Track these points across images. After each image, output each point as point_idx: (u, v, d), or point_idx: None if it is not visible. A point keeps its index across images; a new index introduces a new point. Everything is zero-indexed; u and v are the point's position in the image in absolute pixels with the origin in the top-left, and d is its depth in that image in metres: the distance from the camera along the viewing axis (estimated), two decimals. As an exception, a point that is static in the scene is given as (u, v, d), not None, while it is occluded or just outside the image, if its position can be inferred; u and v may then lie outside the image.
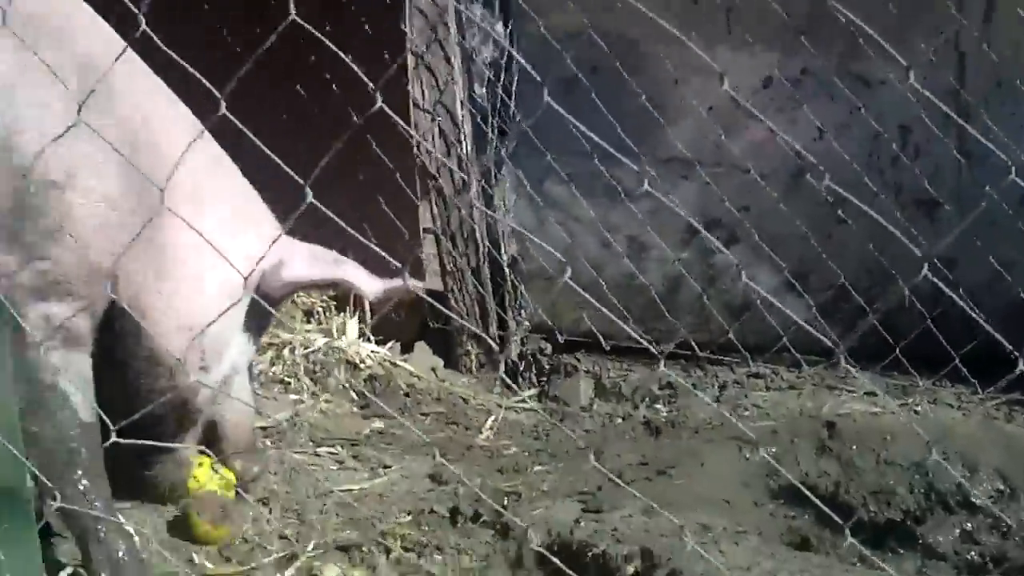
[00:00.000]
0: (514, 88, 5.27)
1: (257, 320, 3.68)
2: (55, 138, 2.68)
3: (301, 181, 2.01)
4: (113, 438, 2.42)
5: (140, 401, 2.93)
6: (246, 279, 3.27)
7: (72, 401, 3.12)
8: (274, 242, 3.04)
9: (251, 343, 3.70)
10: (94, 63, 3.15)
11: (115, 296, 3.15)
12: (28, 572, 2.47)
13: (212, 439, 3.54)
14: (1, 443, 2.35)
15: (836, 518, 2.61)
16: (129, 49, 2.86)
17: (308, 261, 3.56)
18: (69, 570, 2.83)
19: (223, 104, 2.00)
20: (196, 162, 3.28)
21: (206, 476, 3.56)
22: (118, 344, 3.30)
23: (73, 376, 3.13)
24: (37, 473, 2.63)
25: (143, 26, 2.08)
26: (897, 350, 4.76)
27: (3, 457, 2.39)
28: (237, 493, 3.66)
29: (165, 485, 3.54)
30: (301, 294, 5.48)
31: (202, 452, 3.60)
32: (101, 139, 2.96)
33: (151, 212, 3.13)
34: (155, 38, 2.17)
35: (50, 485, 2.86)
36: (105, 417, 2.51)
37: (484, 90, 5.35)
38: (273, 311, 3.47)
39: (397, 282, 3.69)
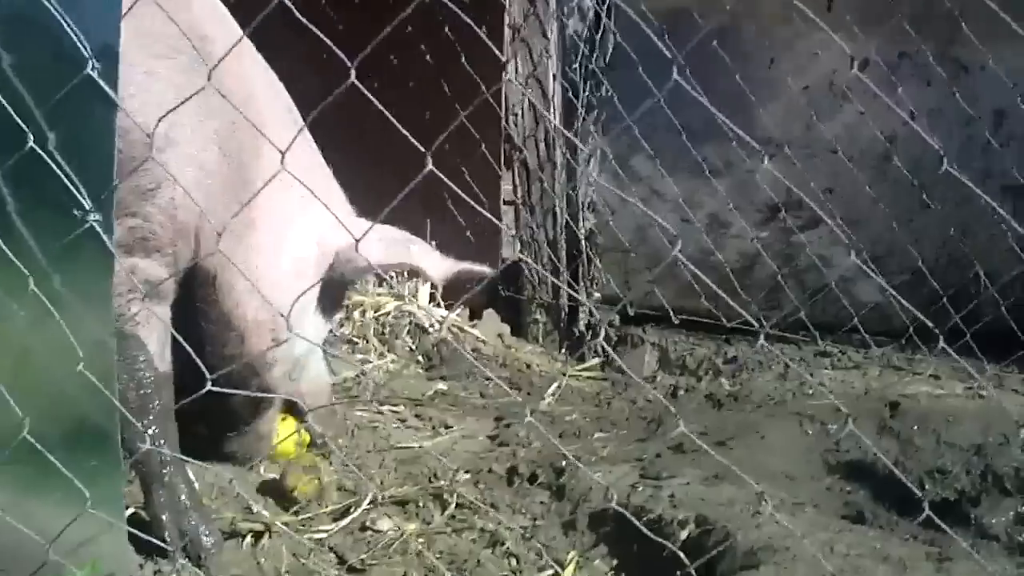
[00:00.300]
0: (606, 64, 5.28)
1: (331, 299, 3.76)
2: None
3: (422, 148, 2.03)
4: (208, 387, 2.46)
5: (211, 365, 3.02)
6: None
7: (149, 350, 3.26)
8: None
9: (325, 322, 3.78)
10: (206, 35, 3.28)
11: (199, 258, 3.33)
12: (113, 509, 2.53)
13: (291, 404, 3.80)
14: (96, 384, 2.39)
15: (911, 488, 2.61)
16: (238, 27, 2.94)
17: (380, 245, 3.69)
18: (130, 511, 2.89)
19: (353, 72, 2.03)
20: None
21: (287, 431, 3.86)
22: (195, 305, 3.45)
23: (152, 327, 3.27)
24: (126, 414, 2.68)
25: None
26: (968, 335, 4.74)
27: (97, 398, 2.44)
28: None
29: (249, 446, 3.65)
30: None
31: (286, 411, 3.74)
32: (203, 109, 3.18)
33: (243, 183, 3.31)
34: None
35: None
36: (203, 366, 2.56)
37: (577, 65, 5.37)
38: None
39: (464, 266, 3.77)
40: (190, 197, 3.22)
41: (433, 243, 5.41)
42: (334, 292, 3.82)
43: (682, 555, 2.39)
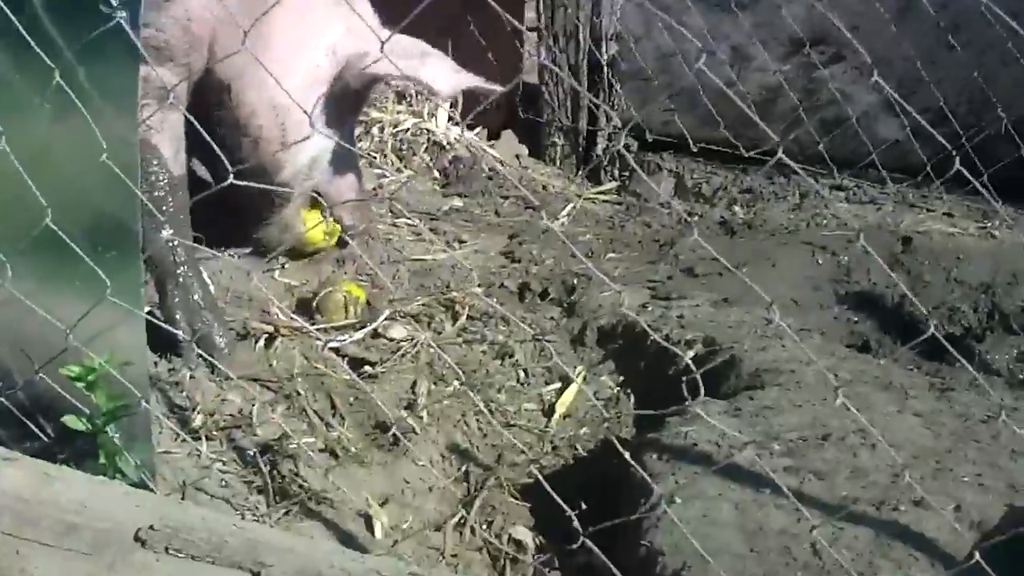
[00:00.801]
0: None
1: (348, 105, 3.76)
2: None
3: None
4: (231, 180, 2.49)
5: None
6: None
7: (163, 155, 3.36)
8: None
9: (337, 126, 3.79)
10: None
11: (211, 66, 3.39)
12: (131, 300, 2.57)
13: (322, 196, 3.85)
14: (117, 177, 2.41)
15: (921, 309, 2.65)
16: None
17: (393, 56, 3.64)
18: (146, 309, 2.93)
19: None
20: None
21: (313, 221, 3.91)
22: (209, 112, 3.49)
23: (166, 132, 3.37)
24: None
25: None
26: (985, 176, 4.74)
27: (118, 192, 2.46)
28: (340, 241, 3.99)
29: (273, 235, 3.80)
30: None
31: (314, 204, 3.79)
32: None
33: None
34: None
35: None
36: (225, 161, 2.61)
37: None
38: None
39: (474, 82, 3.75)
40: (203, 10, 3.32)
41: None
42: (350, 99, 3.83)
43: (691, 365, 2.38)
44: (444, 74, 3.70)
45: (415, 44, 3.76)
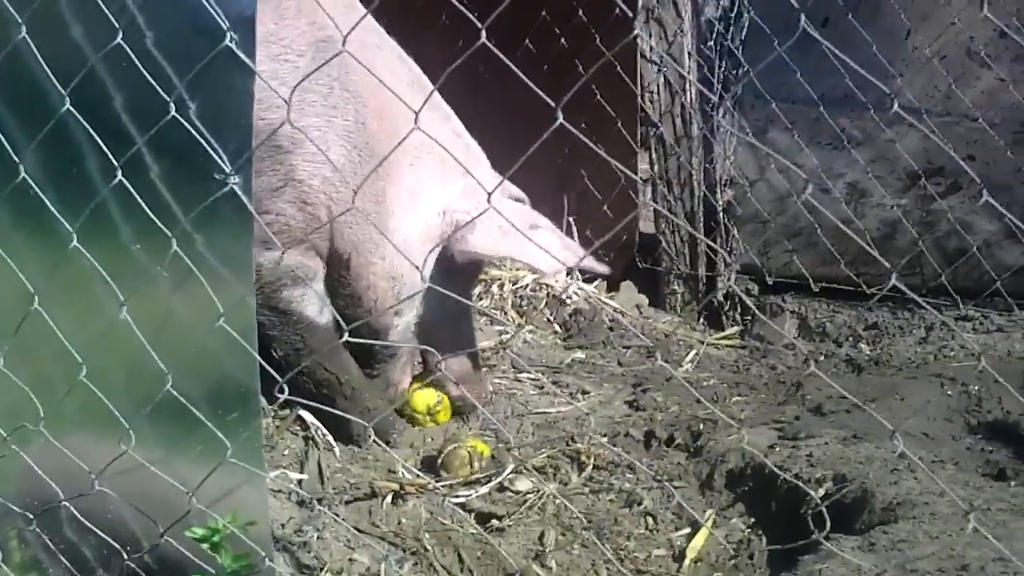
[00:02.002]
0: (743, 39, 5.27)
1: (467, 273, 3.83)
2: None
3: (551, 103, 2.05)
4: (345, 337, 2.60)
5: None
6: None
7: (307, 316, 3.74)
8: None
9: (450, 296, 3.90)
10: (330, 37, 3.47)
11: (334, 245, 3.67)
12: (253, 460, 2.61)
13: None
14: (236, 341, 2.47)
15: None
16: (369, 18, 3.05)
17: (496, 230, 3.76)
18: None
19: (483, 33, 2.07)
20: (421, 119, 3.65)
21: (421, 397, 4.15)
22: (331, 283, 3.79)
23: (307, 302, 3.72)
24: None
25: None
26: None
27: (237, 354, 2.52)
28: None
29: (378, 390, 4.05)
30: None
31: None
32: (329, 108, 3.48)
33: (370, 167, 3.55)
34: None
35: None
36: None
37: (712, 42, 5.38)
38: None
39: (582, 263, 3.80)
40: (318, 192, 3.54)
41: (571, 219, 5.53)
42: (469, 266, 3.90)
43: (817, 499, 2.34)
44: (550, 252, 3.66)
45: (526, 214, 3.81)
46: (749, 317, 5.35)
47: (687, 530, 3.57)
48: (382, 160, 3.47)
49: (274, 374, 2.48)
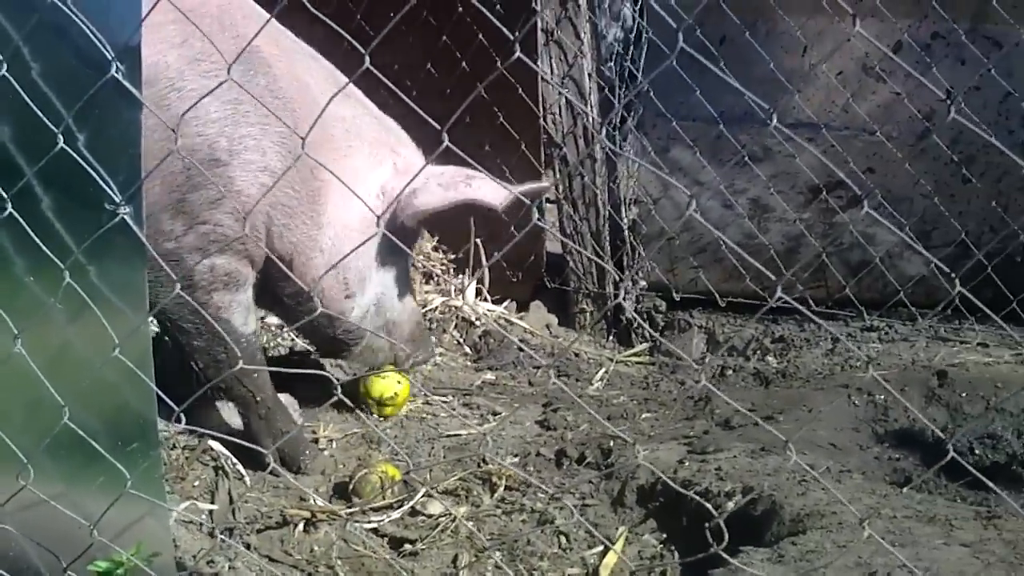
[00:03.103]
0: (643, 60, 5.30)
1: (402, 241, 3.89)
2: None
3: (437, 126, 2.08)
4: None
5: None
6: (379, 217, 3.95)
7: (233, 324, 3.76)
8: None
9: (395, 267, 4.14)
10: (256, 47, 3.54)
11: (268, 251, 3.72)
12: (154, 491, 2.59)
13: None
14: (133, 371, 2.45)
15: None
16: (274, 21, 3.06)
17: (438, 187, 3.93)
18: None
19: (367, 59, 2.09)
20: (343, 111, 3.89)
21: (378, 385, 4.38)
22: (274, 280, 3.89)
23: (235, 309, 3.77)
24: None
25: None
26: (1014, 302, 4.73)
27: (135, 384, 2.50)
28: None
29: (366, 357, 4.30)
30: (420, 258, 5.62)
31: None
32: (264, 117, 3.54)
33: (305, 168, 3.68)
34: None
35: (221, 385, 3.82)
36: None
37: (612, 64, 5.41)
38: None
39: (522, 188, 3.95)
40: (255, 199, 3.57)
41: (478, 240, 5.53)
42: (406, 236, 3.99)
43: (719, 518, 2.35)
44: (493, 190, 3.91)
45: (459, 171, 3.90)
46: (658, 334, 5.37)
47: (600, 548, 3.57)
48: (294, 163, 3.55)
49: (172, 404, 2.46)
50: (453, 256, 5.75)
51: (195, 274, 3.62)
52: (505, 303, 5.60)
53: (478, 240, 5.63)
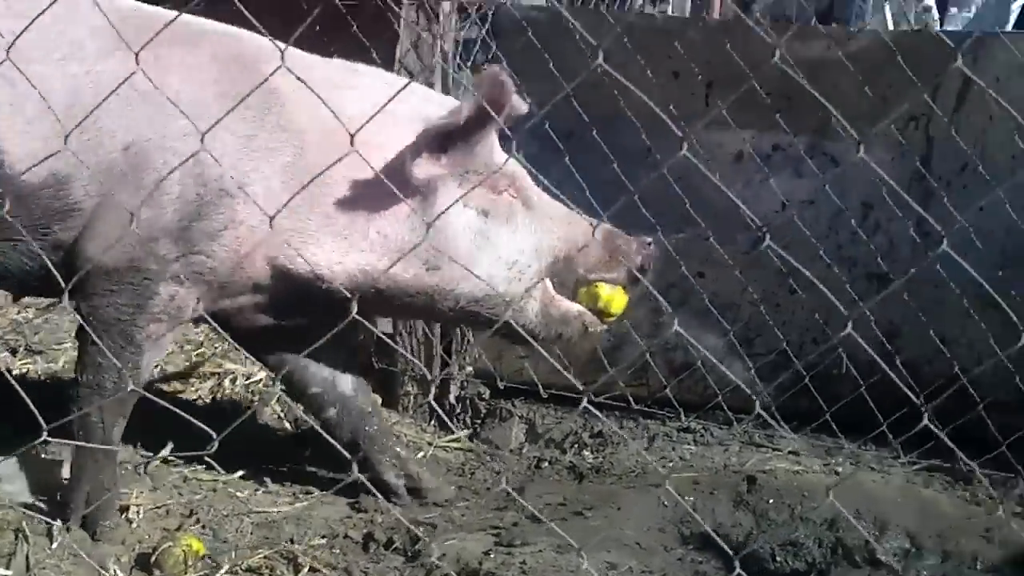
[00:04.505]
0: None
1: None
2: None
3: None
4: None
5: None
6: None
7: (147, 357, 3.84)
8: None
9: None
10: (273, 87, 3.58)
11: (295, 265, 3.80)
12: None
13: None
14: None
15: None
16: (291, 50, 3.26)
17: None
18: None
19: None
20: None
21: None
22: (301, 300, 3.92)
23: (161, 343, 3.88)
24: None
25: None
26: (827, 414, 4.86)
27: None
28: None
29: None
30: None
31: None
32: (270, 151, 3.67)
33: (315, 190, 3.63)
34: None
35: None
36: None
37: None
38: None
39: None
40: (255, 231, 3.69)
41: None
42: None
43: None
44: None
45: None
46: (479, 421, 5.40)
47: (400, 635, 3.57)
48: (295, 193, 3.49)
49: (42, 422, 2.46)
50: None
51: (153, 299, 3.70)
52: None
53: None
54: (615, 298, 4.06)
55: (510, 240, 3.93)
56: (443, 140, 3.72)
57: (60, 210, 3.61)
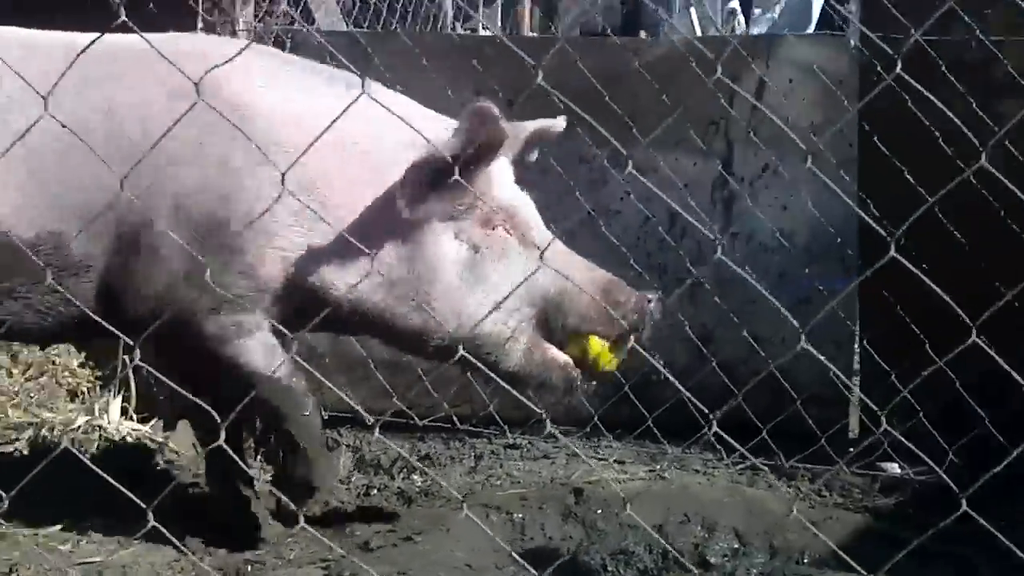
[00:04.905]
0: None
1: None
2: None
3: None
4: None
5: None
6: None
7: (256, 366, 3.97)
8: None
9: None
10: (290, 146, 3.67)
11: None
12: None
13: None
14: None
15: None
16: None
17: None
18: None
19: None
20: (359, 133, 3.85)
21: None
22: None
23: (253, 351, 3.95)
24: None
25: None
26: (649, 420, 4.91)
27: None
28: None
29: None
30: (67, 374, 5.50)
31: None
32: (290, 202, 3.62)
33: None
34: None
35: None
36: None
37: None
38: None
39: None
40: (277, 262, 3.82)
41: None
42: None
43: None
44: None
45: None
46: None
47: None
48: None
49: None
50: (99, 373, 5.63)
51: (215, 328, 3.82)
52: (152, 422, 5.48)
53: (125, 357, 5.52)
54: (605, 353, 3.96)
55: (501, 279, 3.84)
56: (433, 175, 3.65)
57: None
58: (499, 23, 10.63)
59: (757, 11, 11.07)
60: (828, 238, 5.25)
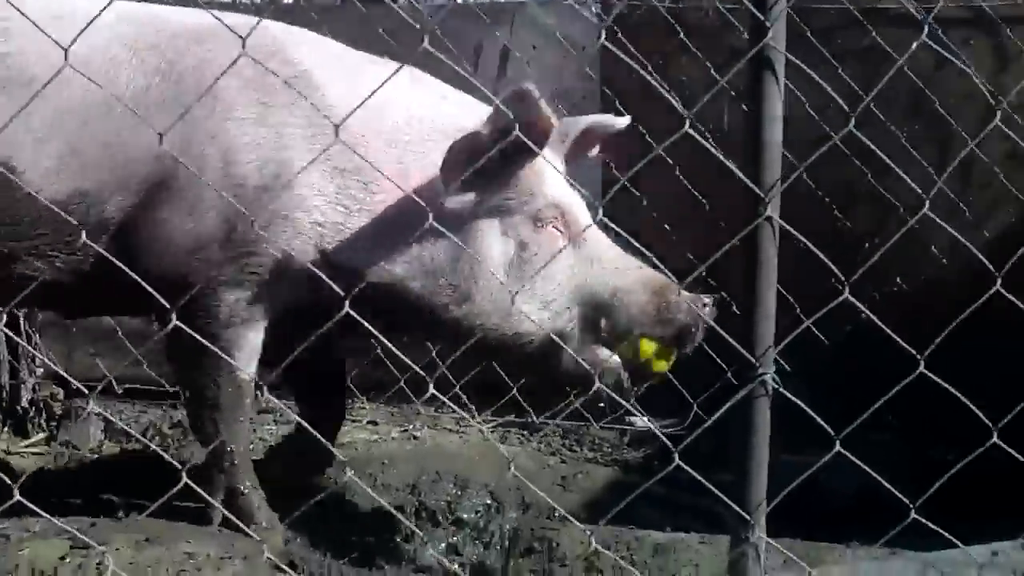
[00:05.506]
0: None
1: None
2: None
3: None
4: None
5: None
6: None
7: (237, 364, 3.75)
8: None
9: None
10: (304, 73, 3.66)
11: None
12: None
13: None
14: None
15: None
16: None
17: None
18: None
19: None
20: (420, 109, 3.82)
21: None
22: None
23: (244, 348, 3.76)
24: None
25: None
26: (402, 381, 4.94)
27: None
28: None
29: None
30: None
31: None
32: (307, 140, 3.60)
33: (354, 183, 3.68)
34: None
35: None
36: None
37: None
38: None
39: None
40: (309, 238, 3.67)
41: None
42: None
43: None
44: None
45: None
46: (56, 423, 5.26)
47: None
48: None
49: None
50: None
51: (220, 305, 3.66)
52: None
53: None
54: (656, 355, 3.81)
55: (549, 278, 3.70)
56: (474, 161, 3.39)
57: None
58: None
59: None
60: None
